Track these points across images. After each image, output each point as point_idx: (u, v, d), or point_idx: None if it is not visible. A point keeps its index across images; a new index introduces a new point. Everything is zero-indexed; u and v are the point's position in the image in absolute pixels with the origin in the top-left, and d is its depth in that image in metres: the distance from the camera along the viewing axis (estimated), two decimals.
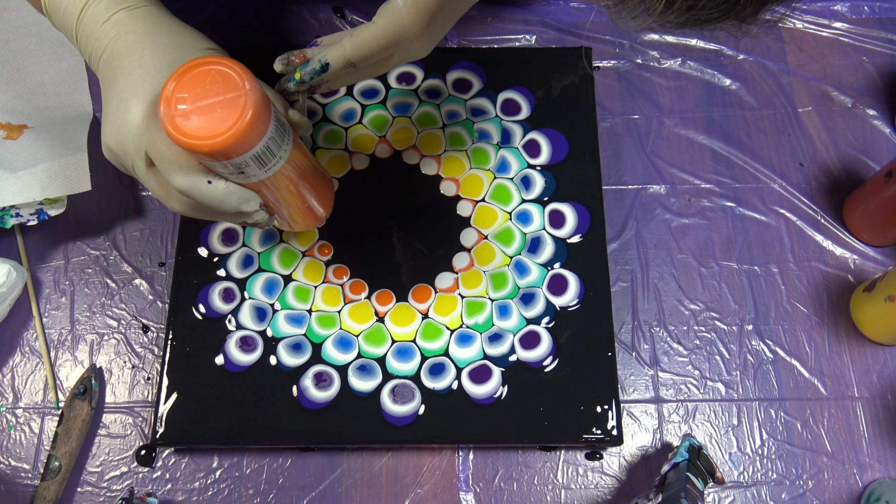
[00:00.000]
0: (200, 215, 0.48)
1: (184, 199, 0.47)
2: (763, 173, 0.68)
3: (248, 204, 0.47)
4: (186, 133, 0.41)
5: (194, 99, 0.42)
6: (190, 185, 0.45)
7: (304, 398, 0.58)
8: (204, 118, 0.41)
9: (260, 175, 0.46)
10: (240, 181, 0.46)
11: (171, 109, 0.42)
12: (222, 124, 0.41)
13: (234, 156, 0.43)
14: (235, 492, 0.58)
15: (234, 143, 0.42)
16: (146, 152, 0.45)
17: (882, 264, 0.65)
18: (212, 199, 0.45)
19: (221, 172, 0.45)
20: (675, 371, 0.62)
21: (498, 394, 0.59)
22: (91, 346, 0.62)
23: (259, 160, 0.44)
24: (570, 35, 0.73)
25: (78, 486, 0.59)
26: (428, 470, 0.59)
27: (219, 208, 0.46)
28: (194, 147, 0.41)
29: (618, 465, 0.60)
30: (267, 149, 0.44)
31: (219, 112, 0.41)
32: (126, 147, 0.46)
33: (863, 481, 0.59)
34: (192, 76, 0.42)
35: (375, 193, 0.65)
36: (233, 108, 0.41)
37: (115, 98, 0.46)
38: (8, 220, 0.62)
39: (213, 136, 0.41)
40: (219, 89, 0.42)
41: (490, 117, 0.67)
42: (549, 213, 0.64)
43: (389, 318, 0.61)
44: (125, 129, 0.45)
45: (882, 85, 0.72)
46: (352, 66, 0.49)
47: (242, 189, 0.46)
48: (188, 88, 0.42)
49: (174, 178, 0.45)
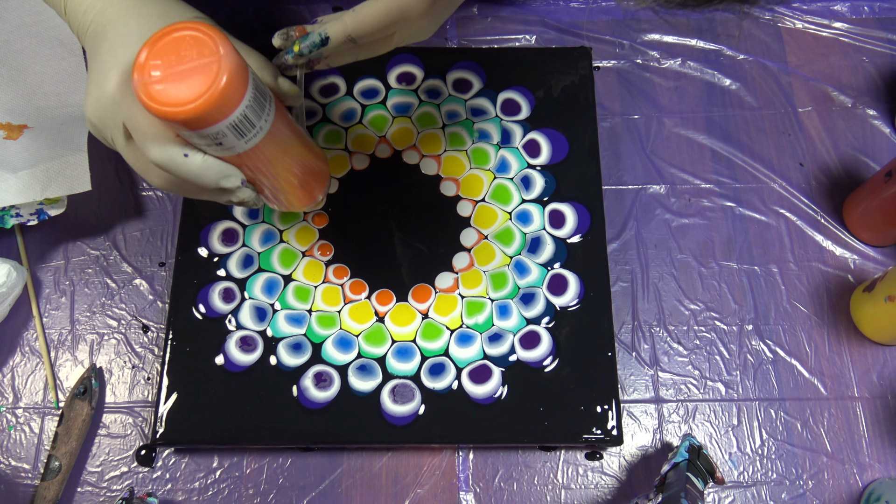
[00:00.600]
0: (182, 191, 0.47)
1: (162, 174, 0.45)
2: (763, 173, 0.68)
3: (228, 180, 0.45)
4: (159, 101, 0.40)
5: (168, 66, 0.40)
6: (165, 158, 0.43)
7: (304, 398, 0.58)
8: (177, 85, 0.40)
9: (239, 147, 0.43)
10: (219, 154, 0.44)
11: (144, 77, 0.40)
12: (195, 90, 0.39)
13: (209, 124, 0.41)
14: (235, 492, 0.58)
15: (208, 109, 0.40)
16: (124, 124, 0.44)
17: (882, 264, 0.65)
18: (189, 172, 0.43)
19: (199, 144, 0.43)
20: (675, 371, 0.62)
21: (498, 394, 0.59)
22: (91, 346, 0.62)
23: (237, 130, 0.42)
24: (570, 35, 0.73)
25: (78, 486, 0.59)
26: (428, 470, 0.59)
27: (197, 182, 0.44)
28: (167, 115, 0.40)
29: (618, 465, 0.60)
30: (245, 118, 0.42)
31: (192, 78, 0.40)
32: (105, 119, 0.45)
33: (863, 481, 0.59)
34: (166, 43, 0.41)
35: (375, 193, 0.65)
36: (206, 74, 0.40)
37: (96, 69, 0.45)
38: (8, 220, 0.62)
39: (186, 103, 0.39)
40: (193, 55, 0.40)
41: (490, 117, 0.67)
42: (549, 213, 0.64)
43: (389, 318, 0.61)
44: (103, 100, 0.44)
45: (882, 85, 0.72)
46: (352, 41, 0.48)
47: (222, 163, 0.44)
48: (162, 55, 0.40)
49: (150, 151, 0.43)
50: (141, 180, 0.67)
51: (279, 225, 0.64)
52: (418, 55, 0.69)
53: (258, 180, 0.47)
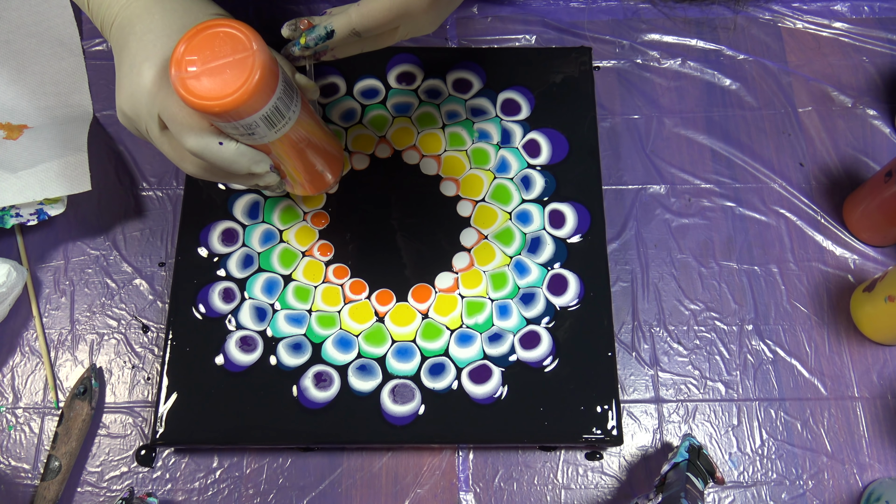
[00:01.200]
0: (213, 177, 0.49)
1: (197, 161, 0.48)
2: (763, 173, 0.68)
3: (258, 165, 0.48)
4: (197, 94, 0.42)
5: (204, 61, 0.43)
6: (202, 147, 0.46)
7: (304, 398, 0.58)
8: (214, 79, 0.42)
9: (270, 136, 0.46)
10: (250, 143, 0.47)
11: (181, 72, 0.43)
12: (232, 85, 0.42)
13: (243, 116, 0.43)
14: (235, 492, 0.58)
15: (244, 103, 0.42)
16: (159, 115, 0.46)
17: (882, 264, 0.65)
18: (223, 159, 0.46)
19: (232, 134, 0.46)
20: (675, 371, 0.62)
21: (498, 394, 0.59)
22: (91, 346, 0.62)
23: (268, 121, 0.45)
24: (570, 35, 0.73)
25: (78, 486, 0.59)
26: (428, 470, 0.59)
27: (230, 169, 0.47)
28: (205, 108, 0.42)
29: (618, 465, 0.60)
30: (276, 109, 0.45)
31: (228, 73, 0.42)
32: (139, 111, 0.46)
33: (863, 481, 0.59)
34: (201, 39, 0.43)
35: (375, 193, 0.65)
36: (242, 69, 0.42)
37: (127, 63, 0.46)
38: (8, 220, 0.62)
39: (223, 97, 0.42)
40: (227, 51, 0.43)
41: (490, 117, 0.67)
42: (549, 213, 0.64)
43: (389, 318, 0.61)
44: (138, 92, 0.46)
45: (882, 85, 0.72)
46: (357, 35, 0.49)
47: (253, 150, 0.47)
48: (198, 51, 0.43)
49: (186, 140, 0.45)
50: (141, 180, 0.67)
51: (279, 225, 0.64)
52: (418, 55, 0.69)
53: (283, 165, 0.50)
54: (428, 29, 0.52)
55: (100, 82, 0.71)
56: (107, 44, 0.72)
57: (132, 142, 0.69)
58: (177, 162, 0.49)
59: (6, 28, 0.68)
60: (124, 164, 0.68)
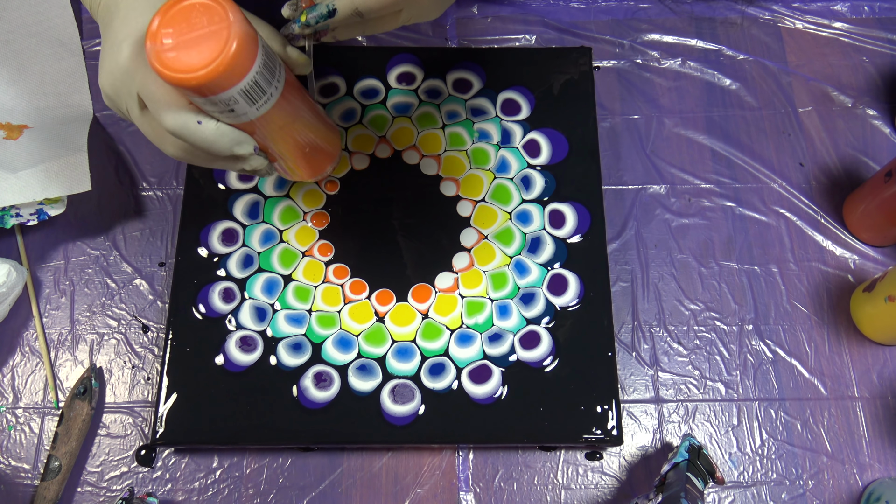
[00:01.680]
0: (196, 160, 0.48)
1: (177, 143, 0.46)
2: (763, 173, 0.68)
3: (241, 146, 0.46)
4: (172, 67, 0.41)
5: (179, 33, 0.41)
6: (180, 125, 0.44)
7: (304, 398, 0.58)
8: (189, 52, 0.41)
9: (251, 113, 0.44)
10: (232, 121, 0.45)
11: (156, 45, 0.41)
12: (206, 56, 0.40)
13: (221, 90, 0.42)
14: (235, 492, 0.58)
15: (220, 75, 0.41)
16: (138, 94, 0.45)
17: (882, 264, 0.65)
18: (203, 139, 0.44)
19: (211, 112, 0.44)
20: (675, 371, 0.62)
21: (498, 394, 0.59)
22: (91, 346, 0.62)
23: (248, 96, 0.43)
24: (570, 35, 0.73)
25: (78, 486, 0.59)
26: (428, 470, 0.59)
27: (211, 150, 0.45)
28: (180, 81, 0.41)
29: (618, 465, 0.60)
30: (255, 84, 0.43)
31: (203, 45, 0.41)
32: (120, 90, 0.46)
33: (863, 481, 0.59)
34: (177, 11, 0.42)
35: (375, 193, 0.65)
36: (217, 40, 0.41)
37: (109, 41, 0.46)
38: (8, 220, 0.62)
39: (198, 69, 0.40)
40: (203, 23, 0.41)
41: (490, 117, 0.67)
42: (549, 213, 0.64)
43: (389, 318, 0.61)
44: (117, 71, 0.45)
45: (882, 85, 0.72)
46: (359, 15, 0.48)
47: (235, 130, 0.45)
48: (173, 24, 0.41)
49: (164, 119, 0.44)
50: (141, 180, 0.67)
51: (279, 225, 0.64)
52: (418, 55, 0.69)
53: (269, 148, 0.48)
54: (431, 15, 0.51)
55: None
56: None
57: (132, 142, 0.69)
58: (157, 143, 0.47)
59: (6, 28, 0.68)
60: (124, 164, 0.68)
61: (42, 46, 0.69)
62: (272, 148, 0.49)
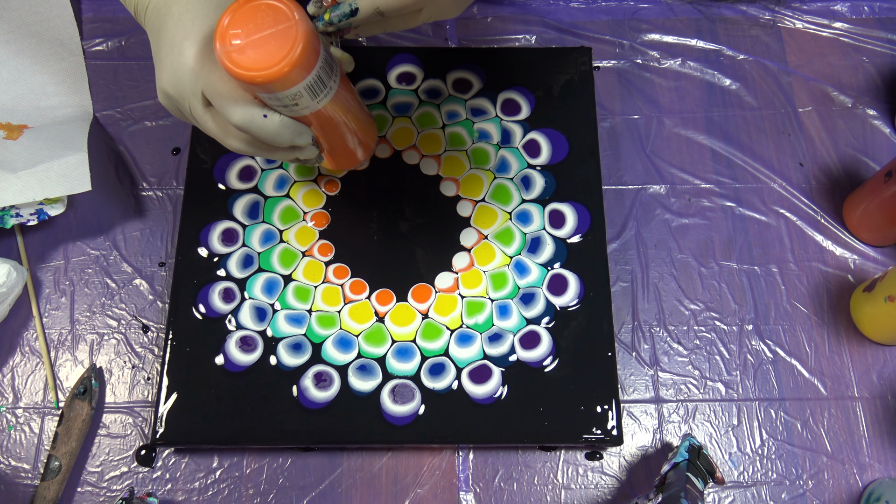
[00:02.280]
0: (256, 151, 0.50)
1: (241, 136, 0.48)
2: (763, 173, 0.68)
3: (301, 137, 0.48)
4: (243, 66, 0.43)
5: (248, 33, 0.43)
6: (247, 120, 0.46)
7: (304, 398, 0.58)
8: (259, 50, 0.43)
9: (312, 106, 0.47)
10: (293, 114, 0.47)
11: (226, 45, 0.43)
12: (277, 55, 0.43)
13: (289, 86, 0.44)
14: (235, 492, 0.58)
15: (290, 71, 0.43)
16: (202, 92, 0.47)
17: (882, 264, 0.65)
18: (267, 132, 0.47)
19: (275, 106, 0.46)
20: (675, 371, 0.62)
21: (498, 394, 0.59)
22: (91, 346, 0.62)
23: (311, 90, 0.46)
24: (570, 35, 0.73)
25: (78, 486, 0.59)
26: (428, 470, 0.59)
27: (274, 142, 0.48)
28: (252, 79, 0.43)
29: (618, 465, 0.60)
30: (318, 78, 0.46)
31: (272, 43, 0.43)
32: (183, 89, 0.47)
33: (863, 481, 0.59)
34: (243, 12, 0.44)
35: (375, 193, 0.65)
36: (286, 38, 0.43)
37: (167, 43, 0.47)
38: (8, 220, 0.62)
39: (269, 67, 0.43)
40: (270, 22, 0.43)
41: (490, 117, 0.67)
42: (549, 213, 0.64)
43: (389, 318, 0.61)
44: (181, 71, 0.46)
45: (882, 85, 0.72)
46: (381, 14, 0.50)
47: (296, 122, 0.48)
48: (241, 24, 0.44)
49: (231, 114, 0.46)
50: (141, 180, 0.67)
51: (279, 225, 0.64)
52: (418, 55, 0.69)
53: (320, 138, 0.51)
54: (451, 13, 0.52)
55: (100, 82, 0.71)
56: (107, 43, 0.72)
57: (132, 142, 0.69)
58: (220, 138, 0.49)
59: (6, 28, 0.68)
60: (124, 164, 0.68)
61: (42, 46, 0.69)
62: (323, 138, 0.51)
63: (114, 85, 0.71)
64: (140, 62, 0.72)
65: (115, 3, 0.74)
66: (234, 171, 0.65)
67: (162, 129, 0.69)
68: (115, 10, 0.74)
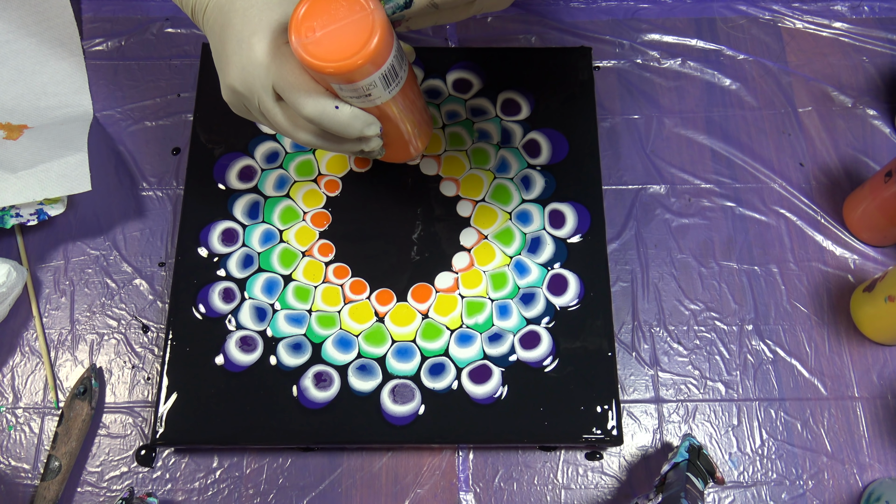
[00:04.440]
0: (324, 144, 0.50)
1: (311, 128, 0.48)
2: (763, 173, 0.68)
3: (370, 128, 0.48)
4: (321, 57, 0.43)
5: (323, 24, 0.43)
6: (319, 111, 0.46)
7: (304, 398, 0.58)
8: (336, 41, 0.43)
9: (384, 96, 0.47)
10: (363, 105, 0.47)
11: (302, 37, 0.43)
12: (355, 44, 0.43)
13: (366, 76, 0.44)
14: (235, 492, 0.58)
15: (368, 61, 0.43)
16: (273, 86, 0.47)
17: (882, 264, 0.65)
18: (339, 123, 0.47)
19: (348, 97, 0.46)
20: (675, 371, 0.62)
21: (498, 394, 0.59)
22: (91, 346, 0.62)
23: (385, 79, 0.46)
24: (570, 35, 0.73)
25: (78, 486, 0.59)
26: (428, 470, 0.59)
27: (345, 132, 0.48)
28: (330, 70, 0.43)
29: (618, 465, 0.60)
30: (392, 67, 0.46)
31: (350, 33, 0.43)
32: (252, 84, 0.47)
33: (863, 481, 0.59)
34: (317, 3, 0.44)
35: (375, 193, 0.65)
36: (363, 28, 0.43)
37: (234, 39, 0.47)
38: (8, 220, 0.62)
39: (348, 57, 0.43)
40: (345, 12, 0.43)
41: (490, 117, 0.67)
42: (549, 213, 0.64)
43: (389, 318, 0.61)
44: (250, 66, 0.46)
45: (882, 85, 0.72)
46: (434, 6, 0.49)
47: (366, 113, 0.48)
48: (316, 16, 0.44)
49: (304, 106, 0.46)
50: (141, 180, 0.67)
51: (279, 225, 0.64)
52: (418, 55, 0.69)
53: (386, 129, 0.51)
54: (501, 5, 0.52)
55: (100, 82, 0.71)
56: (107, 43, 0.72)
57: (132, 142, 0.69)
58: (289, 132, 0.49)
59: (6, 28, 0.68)
60: (124, 164, 0.68)
61: (42, 46, 0.69)
62: (388, 129, 0.51)
63: (114, 85, 0.71)
64: (140, 62, 0.72)
65: (115, 3, 0.74)
66: (234, 171, 0.65)
67: (162, 129, 0.69)
68: (115, 10, 0.74)
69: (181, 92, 0.71)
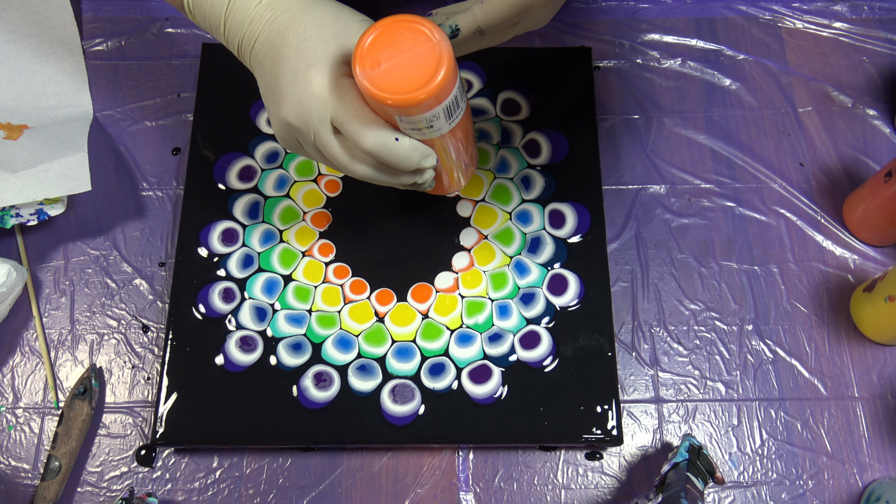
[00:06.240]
0: (380, 177, 0.49)
1: (368, 161, 0.48)
2: (763, 173, 0.68)
3: (427, 160, 0.48)
4: (388, 90, 0.42)
5: (388, 56, 0.43)
6: (380, 143, 0.46)
7: (304, 398, 0.58)
8: (402, 73, 0.42)
9: (444, 128, 0.46)
10: (422, 137, 0.47)
11: (367, 70, 0.43)
12: (422, 77, 0.42)
13: (432, 107, 0.44)
14: (235, 492, 0.58)
15: (437, 92, 0.43)
16: (331, 119, 0.46)
17: (882, 264, 0.65)
18: (398, 155, 0.46)
19: (407, 129, 0.46)
20: (675, 371, 0.62)
21: (498, 394, 0.59)
22: (91, 346, 0.62)
23: (448, 111, 0.45)
24: (570, 35, 0.73)
25: (78, 486, 0.59)
26: (428, 470, 0.59)
27: (403, 165, 0.47)
28: (397, 102, 0.42)
29: (618, 465, 0.60)
30: (455, 98, 0.45)
31: (416, 65, 0.42)
32: (309, 118, 0.46)
33: (863, 481, 0.59)
34: (382, 35, 0.43)
35: (375, 193, 0.65)
36: (429, 60, 0.42)
37: (288, 73, 0.46)
38: (8, 220, 0.62)
39: (415, 90, 0.42)
40: (410, 44, 0.43)
41: (490, 117, 0.67)
42: (549, 213, 0.64)
43: (389, 318, 0.61)
44: (307, 99, 0.45)
45: (882, 85, 0.72)
46: (480, 33, 0.49)
47: (424, 145, 0.47)
48: (381, 48, 0.43)
49: (365, 139, 0.45)
50: (141, 180, 0.67)
51: (279, 225, 0.64)
52: None
53: (442, 160, 0.50)
54: (543, 21, 0.52)
55: (100, 82, 0.71)
56: (107, 43, 0.72)
57: (132, 142, 0.69)
58: (346, 166, 0.48)
59: (6, 28, 0.68)
60: (124, 164, 0.68)
61: (42, 46, 0.69)
62: (442, 160, 0.50)
63: (114, 85, 0.71)
64: (140, 62, 0.72)
65: (115, 3, 0.74)
66: (234, 171, 0.65)
67: (162, 129, 0.69)
68: (115, 10, 0.74)
69: (181, 92, 0.71)
